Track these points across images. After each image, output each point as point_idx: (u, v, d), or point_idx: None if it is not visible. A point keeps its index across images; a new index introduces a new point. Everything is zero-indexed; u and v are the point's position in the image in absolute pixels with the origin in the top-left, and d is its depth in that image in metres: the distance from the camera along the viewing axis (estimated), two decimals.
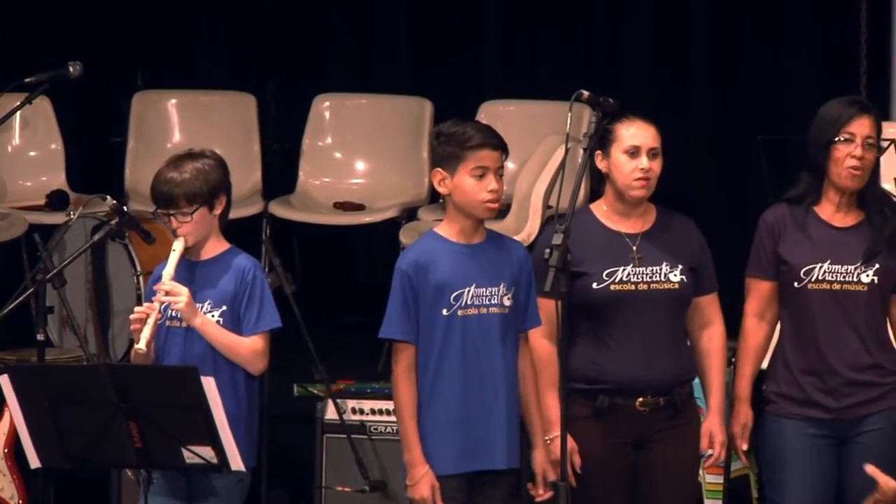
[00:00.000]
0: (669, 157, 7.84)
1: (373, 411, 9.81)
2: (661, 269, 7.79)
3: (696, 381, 8.07)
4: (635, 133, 7.65)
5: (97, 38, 13.11)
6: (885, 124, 8.60)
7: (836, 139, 7.72)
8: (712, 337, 8.02)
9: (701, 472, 8.84)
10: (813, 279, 7.75)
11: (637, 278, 7.76)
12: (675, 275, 7.74)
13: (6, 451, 9.77)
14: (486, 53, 13.06)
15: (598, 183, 7.95)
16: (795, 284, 7.87)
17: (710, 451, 7.88)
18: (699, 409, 8.13)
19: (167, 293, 7.53)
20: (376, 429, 9.83)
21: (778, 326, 8.10)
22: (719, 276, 8.08)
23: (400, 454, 7.64)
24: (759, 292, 7.96)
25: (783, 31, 13.47)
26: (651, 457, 7.78)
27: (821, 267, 7.76)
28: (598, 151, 7.64)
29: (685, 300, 7.92)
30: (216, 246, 7.83)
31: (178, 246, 7.60)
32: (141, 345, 7.48)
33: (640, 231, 7.82)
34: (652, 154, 7.64)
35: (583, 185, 7.85)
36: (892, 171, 9.42)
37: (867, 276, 7.80)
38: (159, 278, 7.58)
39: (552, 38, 13.06)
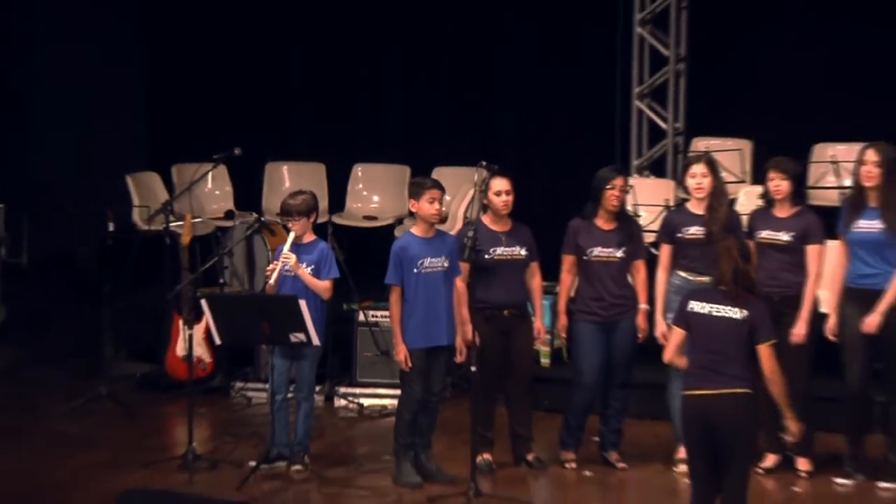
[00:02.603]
0: (519, 193, 11.37)
1: (382, 317, 13.18)
2: (516, 249, 11.38)
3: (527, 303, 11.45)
4: (500, 183, 11.30)
5: (244, 128, 15.37)
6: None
7: (606, 187, 11.32)
8: (535, 282, 11.56)
9: (537, 345, 12.13)
10: (593, 255, 11.38)
11: (505, 254, 11.34)
12: (522, 252, 11.39)
13: (204, 335, 12.85)
14: (440, 137, 15.43)
15: (485, 208, 11.40)
16: (584, 257, 11.44)
17: (539, 336, 11.62)
18: (531, 315, 11.53)
19: (285, 258, 11.03)
20: (383, 325, 13.18)
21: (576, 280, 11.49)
22: (546, 254, 11.56)
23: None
24: (568, 261, 11.53)
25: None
26: (512, 338, 11.41)
27: (597, 249, 11.40)
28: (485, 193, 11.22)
29: (526, 264, 11.46)
30: (310, 237, 11.32)
31: (291, 237, 11.12)
32: (271, 282, 11.06)
33: (505, 230, 11.41)
34: (506, 193, 11.27)
35: (477, 209, 11.46)
36: (632, 199, 12.31)
37: (619, 253, 11.34)
38: (281, 252, 11.06)
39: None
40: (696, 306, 9.12)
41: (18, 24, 15.96)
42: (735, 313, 8.99)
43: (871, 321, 10.94)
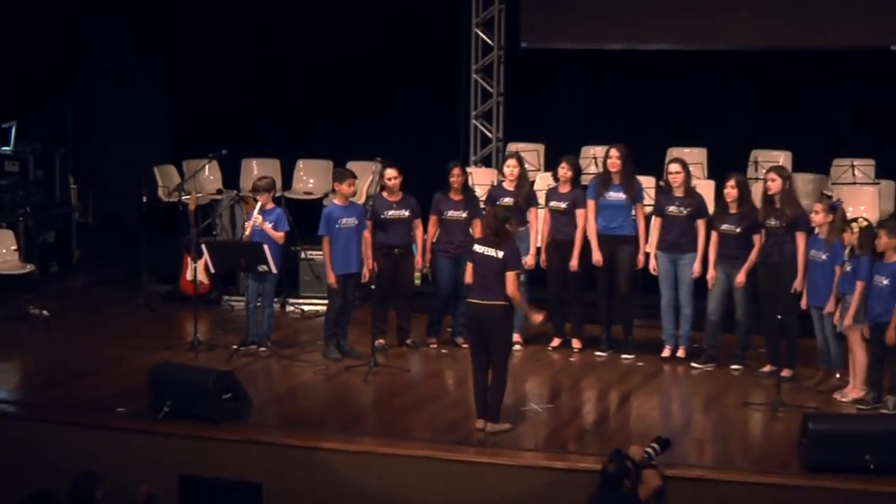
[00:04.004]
0: (408, 176, 11.35)
1: (316, 255, 12.57)
2: (402, 212, 11.11)
3: None
4: (391, 171, 11.15)
5: (227, 134, 14.39)
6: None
7: (452, 172, 11.12)
8: (418, 232, 11.15)
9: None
10: (448, 216, 11.12)
11: (394, 214, 11.09)
12: (406, 213, 11.07)
13: (204, 267, 11.52)
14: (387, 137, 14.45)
15: (382, 187, 11.25)
16: (442, 217, 11.15)
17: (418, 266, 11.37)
18: (413, 253, 11.19)
19: (255, 219, 11.05)
20: (317, 260, 12.56)
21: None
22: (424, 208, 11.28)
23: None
24: (432, 220, 11.29)
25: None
26: (399, 267, 11.05)
27: (450, 212, 11.14)
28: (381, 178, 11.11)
29: (410, 221, 11.07)
30: (270, 205, 11.19)
31: (258, 206, 11.10)
32: (247, 234, 11.10)
33: (396, 200, 11.19)
34: (395, 177, 11.08)
35: (375, 187, 11.36)
36: (472, 181, 11.74)
37: (464, 215, 11.03)
38: (252, 215, 11.10)
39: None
40: (476, 248, 9.20)
41: (74, 43, 15.51)
42: (496, 253, 9.01)
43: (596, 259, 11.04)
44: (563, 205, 11.30)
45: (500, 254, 8.97)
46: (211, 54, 15.59)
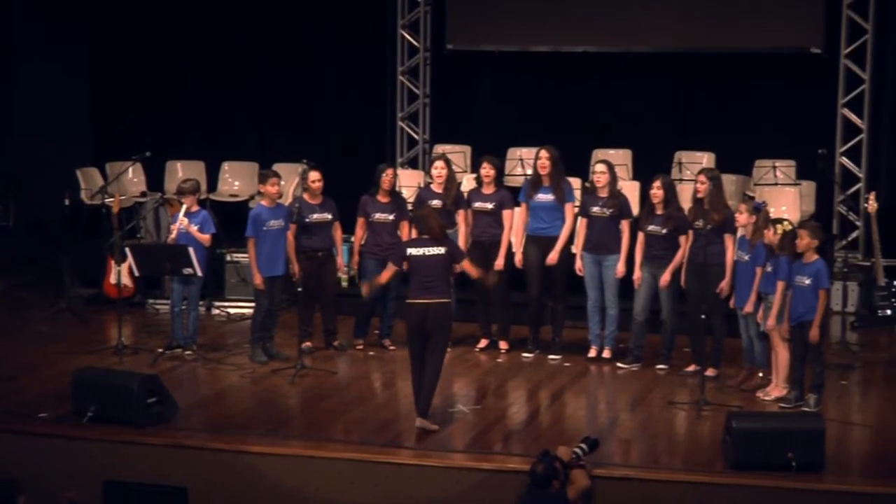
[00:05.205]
0: (334, 177, 11.40)
1: (242, 257, 12.50)
2: (325, 215, 11.02)
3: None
4: (314, 174, 11.07)
5: (151, 135, 14.57)
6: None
7: (383, 175, 11.02)
8: (337, 235, 11.05)
9: (339, 274, 11.63)
10: (375, 218, 11.09)
11: (317, 218, 10.96)
12: (328, 216, 11.04)
13: (128, 270, 11.86)
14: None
15: (306, 189, 11.07)
16: (370, 219, 11.12)
17: (340, 268, 11.36)
18: (335, 255, 11.09)
19: (181, 222, 10.98)
20: (243, 262, 12.49)
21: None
22: (348, 217, 11.33)
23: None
24: (360, 222, 11.23)
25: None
26: (323, 269, 11.04)
27: (377, 214, 11.11)
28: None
29: (332, 224, 11.00)
30: (196, 207, 11.12)
31: (183, 208, 11.08)
32: (172, 237, 11.03)
33: (318, 203, 11.05)
34: (319, 180, 10.97)
35: (300, 189, 11.18)
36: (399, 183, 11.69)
37: (391, 217, 11.00)
38: (178, 217, 11.03)
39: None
40: (413, 251, 9.15)
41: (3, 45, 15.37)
42: (439, 250, 9.05)
43: (551, 257, 11.03)
44: (489, 205, 11.30)
45: (443, 249, 9.01)
46: (134, 55, 15.51)
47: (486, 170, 11.27)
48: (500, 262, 11.24)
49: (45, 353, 11.24)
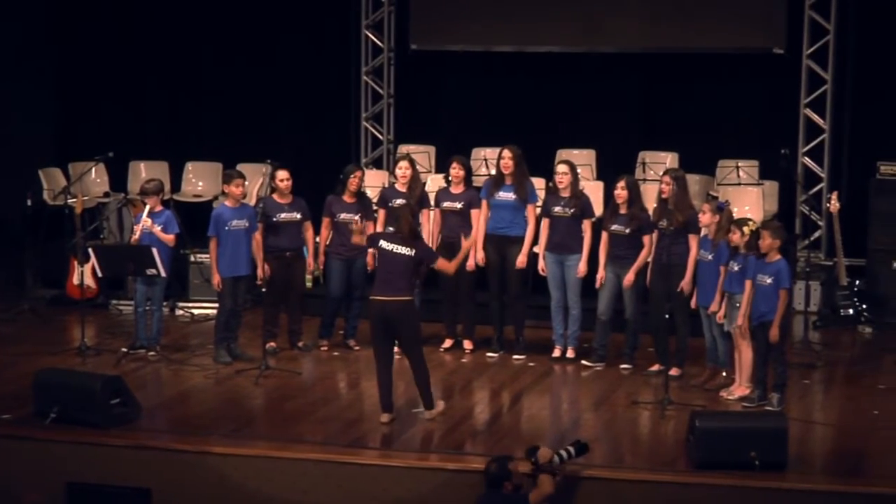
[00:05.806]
0: (299, 177, 11.24)
1: (205, 257, 12.01)
2: (293, 214, 10.98)
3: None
4: (282, 173, 11.02)
5: (114, 136, 14.45)
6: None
7: (351, 176, 10.98)
8: (308, 234, 10.98)
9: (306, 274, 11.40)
10: (340, 218, 10.93)
11: (285, 217, 10.92)
12: (297, 216, 10.98)
13: (91, 271, 11.75)
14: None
15: (273, 189, 10.98)
16: (335, 220, 10.98)
17: (309, 268, 11.18)
18: (305, 255, 11.03)
19: (144, 222, 10.92)
20: (206, 263, 11.94)
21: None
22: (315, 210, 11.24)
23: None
24: (325, 222, 11.09)
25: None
26: (291, 269, 11.00)
27: (343, 214, 10.94)
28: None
29: (301, 224, 10.99)
30: (159, 208, 11.10)
31: (147, 209, 11.02)
32: (135, 237, 10.98)
33: (287, 202, 10.97)
34: (287, 179, 10.92)
35: (266, 189, 11.09)
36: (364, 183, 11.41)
37: (356, 217, 10.54)
38: (141, 218, 10.92)
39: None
40: (384, 244, 9.23)
41: None
42: (408, 251, 9.10)
43: (520, 261, 11.06)
44: (458, 205, 11.28)
45: (413, 251, 9.05)
46: (97, 54, 15.38)
47: (456, 170, 11.27)
48: (470, 262, 11.20)
49: (7, 354, 11.14)
